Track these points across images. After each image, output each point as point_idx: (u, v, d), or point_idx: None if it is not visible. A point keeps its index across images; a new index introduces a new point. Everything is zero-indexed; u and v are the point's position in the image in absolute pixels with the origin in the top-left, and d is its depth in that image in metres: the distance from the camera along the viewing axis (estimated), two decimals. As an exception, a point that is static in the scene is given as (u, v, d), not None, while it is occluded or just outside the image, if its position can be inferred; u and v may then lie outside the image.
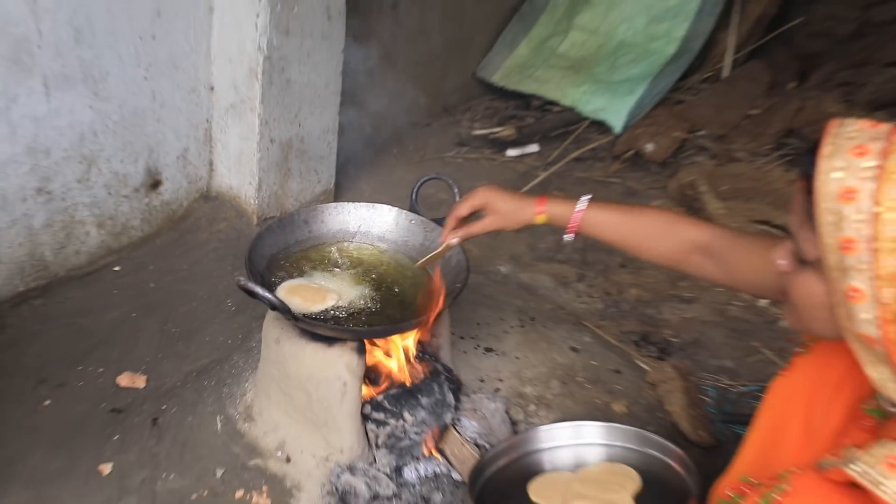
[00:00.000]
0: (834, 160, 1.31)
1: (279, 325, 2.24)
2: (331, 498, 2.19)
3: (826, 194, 1.31)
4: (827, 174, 1.31)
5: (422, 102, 4.22)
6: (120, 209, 2.91)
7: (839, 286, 1.33)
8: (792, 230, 1.45)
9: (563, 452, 2.15)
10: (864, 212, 1.28)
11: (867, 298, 1.30)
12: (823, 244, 1.33)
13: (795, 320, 1.51)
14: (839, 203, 1.30)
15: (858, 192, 1.28)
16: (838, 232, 1.30)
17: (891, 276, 1.28)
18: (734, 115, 4.31)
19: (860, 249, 1.29)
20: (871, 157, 1.29)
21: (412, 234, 2.44)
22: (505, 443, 2.16)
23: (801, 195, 1.40)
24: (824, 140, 1.34)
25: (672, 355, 2.92)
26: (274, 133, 3.08)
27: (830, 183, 1.30)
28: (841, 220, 1.29)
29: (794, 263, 1.47)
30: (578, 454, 2.13)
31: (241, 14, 2.88)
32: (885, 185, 1.27)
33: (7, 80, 2.45)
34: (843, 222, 1.29)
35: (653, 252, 1.95)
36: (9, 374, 2.47)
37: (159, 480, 2.20)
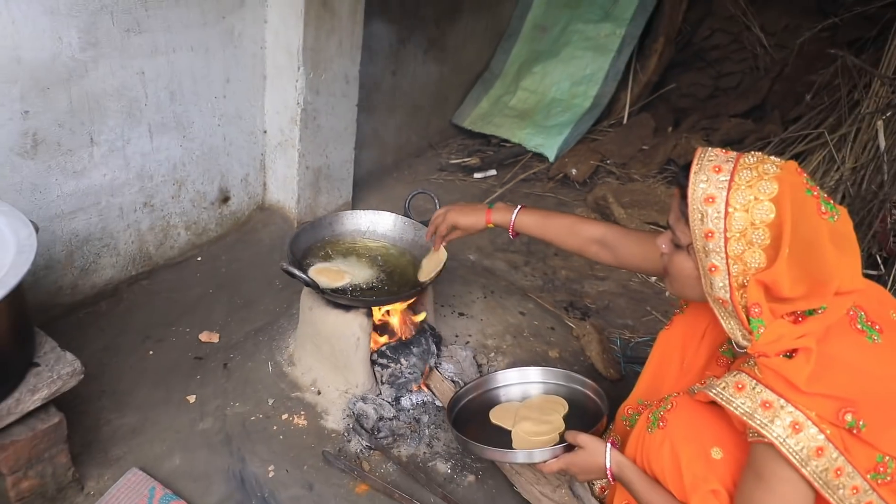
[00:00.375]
0: (700, 175, 1.36)
1: (312, 297, 2.24)
2: (349, 419, 2.18)
3: (695, 199, 1.35)
4: (696, 185, 1.35)
5: (413, 140, 4.21)
6: (201, 217, 2.90)
7: (704, 263, 1.37)
8: (670, 224, 1.48)
9: (513, 389, 2.17)
10: (719, 211, 1.32)
11: (721, 272, 1.34)
12: (693, 234, 1.37)
13: (673, 289, 1.54)
14: (704, 205, 1.34)
15: (716, 197, 1.33)
16: (703, 225, 1.34)
17: (737, 257, 1.32)
18: (631, 150, 4.32)
19: (717, 238, 1.33)
20: (724, 173, 1.34)
21: (406, 231, 2.46)
22: (472, 383, 2.17)
23: (677, 200, 1.44)
24: (693, 162, 1.38)
25: (590, 316, 2.91)
26: (308, 162, 3.06)
27: (698, 191, 1.35)
28: (704, 217, 1.34)
29: (671, 248, 1.50)
30: (524, 390, 2.16)
31: (286, 80, 2.86)
32: (734, 193, 1.32)
33: (123, 128, 2.43)
34: (706, 218, 1.33)
35: (565, 245, 1.96)
36: (125, 332, 2.46)
37: (228, 407, 2.21)
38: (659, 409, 1.57)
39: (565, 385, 2.12)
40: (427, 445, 2.16)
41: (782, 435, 1.26)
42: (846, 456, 1.27)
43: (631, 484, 1.58)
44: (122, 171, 2.49)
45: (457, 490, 2.04)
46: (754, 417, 1.30)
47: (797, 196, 1.30)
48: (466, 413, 2.09)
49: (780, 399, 1.28)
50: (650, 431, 1.56)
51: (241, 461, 2.04)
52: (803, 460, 1.26)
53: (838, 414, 1.26)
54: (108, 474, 1.95)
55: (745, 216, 1.30)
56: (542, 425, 1.95)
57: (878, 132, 3.20)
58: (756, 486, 1.33)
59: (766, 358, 1.32)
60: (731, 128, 4.33)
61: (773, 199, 1.29)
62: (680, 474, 1.48)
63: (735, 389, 1.35)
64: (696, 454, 1.47)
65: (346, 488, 2.00)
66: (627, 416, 1.95)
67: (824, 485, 1.27)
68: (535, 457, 1.75)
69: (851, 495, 1.29)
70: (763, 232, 1.30)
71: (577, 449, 1.69)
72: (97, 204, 2.46)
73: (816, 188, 1.35)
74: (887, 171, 3.13)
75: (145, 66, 2.42)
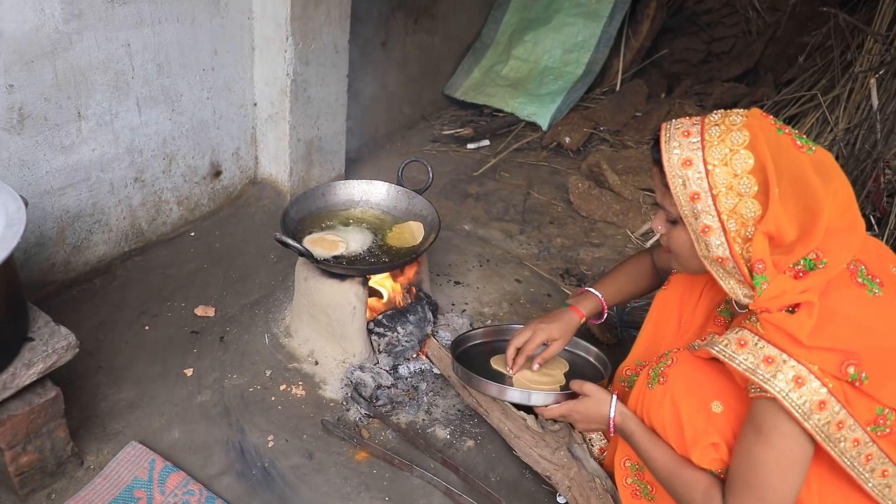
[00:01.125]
0: (671, 143, 1.37)
1: (306, 267, 2.23)
2: (347, 388, 2.19)
3: (672, 166, 1.36)
4: (670, 153, 1.36)
5: (406, 112, 4.18)
6: (193, 192, 2.87)
7: (695, 227, 1.37)
8: (659, 204, 1.47)
9: None
10: (700, 171, 1.33)
11: (715, 230, 1.34)
12: (678, 201, 1.37)
13: (680, 266, 1.54)
14: (682, 169, 1.35)
15: (693, 159, 1.34)
16: (686, 189, 1.35)
17: (731, 211, 1.32)
18: (625, 116, 4.29)
19: (703, 197, 1.33)
20: (694, 135, 1.35)
21: (399, 200, 2.44)
22: (481, 329, 2.16)
23: (658, 177, 1.43)
24: (662, 134, 1.39)
25: (586, 282, 2.91)
26: (300, 135, 3.03)
27: (673, 158, 1.36)
28: (686, 181, 1.34)
29: (667, 226, 1.49)
30: None
31: (274, 51, 2.82)
32: (709, 151, 1.33)
33: (111, 101, 2.39)
34: (688, 182, 1.34)
35: (646, 289, 1.97)
36: (120, 308, 2.45)
37: (226, 379, 2.20)
38: (659, 364, 1.57)
39: (569, 350, 2.10)
40: (426, 412, 2.16)
41: (785, 389, 1.26)
42: (848, 409, 1.27)
43: (632, 435, 1.58)
44: (111, 146, 2.46)
45: (456, 455, 2.04)
46: (756, 373, 1.30)
47: (770, 137, 1.31)
48: (469, 355, 2.07)
49: (782, 354, 1.28)
50: (650, 387, 1.56)
51: (240, 432, 2.04)
52: (805, 414, 1.26)
53: (841, 366, 1.26)
54: (108, 448, 1.94)
55: (726, 169, 1.31)
56: (544, 377, 1.95)
57: (871, 91, 3.18)
58: (756, 440, 1.33)
59: (768, 313, 1.32)
60: (725, 92, 4.31)
61: (748, 146, 1.31)
62: (681, 428, 1.48)
63: (737, 346, 1.35)
64: (697, 408, 1.47)
65: (345, 456, 2.00)
66: (626, 378, 1.95)
67: (826, 438, 1.27)
68: (536, 398, 1.76)
69: (852, 448, 1.30)
70: (748, 180, 1.30)
71: (582, 397, 1.69)
72: (87, 179, 2.43)
73: (786, 126, 1.36)
74: (880, 131, 3.12)
75: (131, 38, 2.38)
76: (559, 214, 3.43)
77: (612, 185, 3.50)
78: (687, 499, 1.45)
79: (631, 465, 1.70)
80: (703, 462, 1.45)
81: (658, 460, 1.52)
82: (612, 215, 3.37)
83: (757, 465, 1.32)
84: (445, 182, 3.64)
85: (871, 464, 1.32)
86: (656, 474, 1.54)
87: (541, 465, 1.92)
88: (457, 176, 3.73)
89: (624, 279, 1.98)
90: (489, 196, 3.56)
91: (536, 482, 1.99)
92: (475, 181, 3.71)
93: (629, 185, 3.52)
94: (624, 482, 1.73)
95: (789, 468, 1.30)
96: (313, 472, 1.95)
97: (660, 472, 1.52)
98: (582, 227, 3.33)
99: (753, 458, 1.33)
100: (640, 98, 4.44)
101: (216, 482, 1.91)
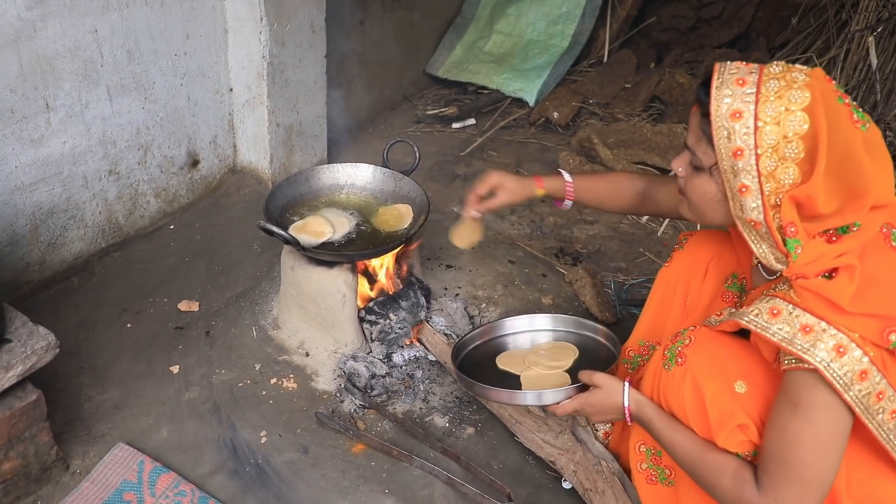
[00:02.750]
0: (723, 90, 1.29)
1: (293, 255, 2.20)
2: (341, 379, 2.17)
3: (719, 116, 1.29)
4: (719, 100, 1.29)
5: (387, 93, 4.14)
6: (171, 183, 2.84)
7: (732, 185, 1.31)
8: (689, 146, 1.41)
9: (521, 337, 2.10)
10: (748, 127, 1.26)
11: (753, 192, 1.29)
12: (719, 153, 1.31)
13: (692, 214, 1.49)
14: (730, 121, 1.28)
15: (743, 112, 1.27)
16: (731, 143, 1.28)
17: (769, 174, 1.27)
18: (614, 88, 4.26)
19: (747, 155, 1.27)
20: (749, 85, 1.28)
21: (385, 182, 2.41)
22: (478, 329, 2.11)
23: (697, 118, 1.38)
24: (714, 76, 1.32)
25: (582, 262, 2.89)
26: (279, 120, 2.99)
27: (723, 107, 1.28)
28: (732, 134, 1.28)
29: (689, 171, 1.44)
30: (533, 337, 2.09)
31: (248, 33, 2.78)
32: (762, 106, 1.26)
33: (80, 91, 2.35)
34: (734, 135, 1.27)
35: (617, 205, 1.92)
36: (100, 306, 2.42)
37: (214, 375, 2.18)
38: (675, 344, 1.51)
39: (576, 332, 2.06)
40: (423, 401, 2.15)
41: (826, 359, 1.22)
42: (888, 378, 1.24)
43: (651, 422, 1.54)
44: (82, 138, 2.42)
45: (456, 443, 2.03)
46: (794, 343, 1.25)
47: (830, 104, 1.25)
48: (471, 359, 2.03)
49: (820, 322, 1.24)
50: (667, 369, 1.51)
51: (231, 429, 2.02)
52: (847, 385, 1.22)
53: (882, 333, 1.23)
54: (94, 451, 1.92)
55: (777, 129, 1.25)
56: (553, 370, 1.92)
57: (870, 49, 3.17)
58: (792, 415, 1.28)
59: (805, 279, 1.27)
60: (716, 59, 4.28)
61: (806, 108, 1.23)
62: (704, 411, 1.43)
63: (770, 316, 1.30)
64: (721, 389, 1.42)
65: (342, 449, 1.99)
66: (629, 358, 1.94)
67: (865, 409, 1.24)
68: (547, 398, 1.71)
69: (890, 419, 1.27)
70: (797, 145, 1.24)
71: (593, 388, 1.64)
72: (59, 174, 2.39)
73: (847, 96, 1.30)
74: (880, 91, 3.11)
75: (98, 24, 2.33)
76: (551, 192, 3.42)
77: (604, 160, 3.48)
78: (715, 485, 1.40)
79: (647, 450, 1.66)
80: (730, 445, 1.40)
81: (680, 446, 1.47)
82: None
83: (794, 442, 1.27)
84: (431, 163, 3.61)
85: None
86: (679, 461, 1.49)
87: (544, 450, 1.92)
88: (443, 157, 3.70)
89: (602, 184, 1.93)
90: (477, 176, 3.52)
91: (540, 468, 1.98)
92: (462, 161, 3.68)
93: (622, 159, 3.50)
94: (639, 468, 1.69)
95: (828, 444, 1.26)
96: (309, 466, 1.93)
97: (683, 458, 1.47)
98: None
99: (789, 435, 1.28)
100: (629, 69, 4.42)
101: (208, 481, 1.89)
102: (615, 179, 1.92)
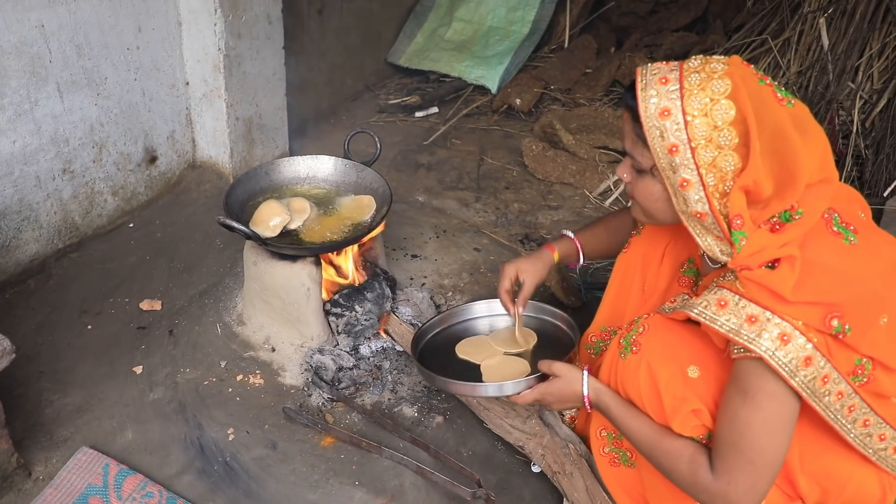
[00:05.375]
0: (648, 90, 1.31)
1: (255, 250, 2.18)
2: (308, 373, 2.16)
3: (649, 116, 1.31)
4: (646, 101, 1.31)
5: (348, 83, 4.11)
6: (128, 180, 2.78)
7: (673, 181, 1.33)
8: (627, 150, 1.43)
9: (480, 322, 2.10)
10: (678, 122, 1.28)
11: (694, 185, 1.31)
12: (655, 153, 1.32)
13: (644, 216, 1.51)
14: (660, 120, 1.30)
15: (671, 109, 1.29)
16: (664, 141, 1.30)
17: (709, 165, 1.29)
18: (575, 74, 4.28)
19: (682, 150, 1.29)
20: (672, 82, 1.30)
21: (347, 174, 2.39)
22: (437, 317, 2.10)
23: (629, 123, 1.39)
24: (637, 79, 1.34)
25: (546, 246, 2.92)
26: (238, 113, 2.95)
27: (651, 107, 1.30)
28: (664, 132, 1.29)
29: (633, 175, 1.46)
30: (492, 322, 2.09)
31: (203, 25, 2.73)
32: (688, 100, 1.28)
33: (28, 88, 2.29)
34: (666, 133, 1.29)
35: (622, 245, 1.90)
36: (58, 308, 2.37)
37: (178, 374, 2.15)
38: (630, 333, 1.54)
39: (535, 316, 2.07)
40: (391, 391, 2.15)
41: (771, 348, 1.25)
42: (832, 362, 1.27)
43: (609, 410, 1.56)
44: (33, 137, 2.37)
45: (426, 432, 2.04)
46: (741, 333, 1.28)
47: (752, 87, 1.27)
48: (432, 348, 2.02)
49: (765, 311, 1.26)
50: (623, 357, 1.54)
51: (198, 428, 2.00)
52: (792, 371, 1.25)
53: (825, 319, 1.26)
54: (57, 457, 1.89)
55: (706, 120, 1.27)
56: (512, 348, 1.93)
57: (821, 31, 3.22)
58: (742, 403, 1.32)
59: (748, 271, 1.30)
60: (675, 42, 4.33)
61: (729, 95, 1.26)
62: (659, 398, 1.46)
63: (717, 307, 1.32)
64: (674, 375, 1.45)
65: (311, 443, 1.98)
66: (591, 344, 1.95)
67: (811, 393, 1.28)
68: (507, 389, 1.72)
69: (836, 401, 1.31)
70: (728, 132, 1.26)
71: (552, 378, 1.66)
72: (10, 174, 2.34)
73: (767, 77, 1.33)
74: (832, 71, 3.16)
75: (44, 18, 2.27)
76: (515, 179, 3.42)
77: (567, 145, 3.49)
78: (672, 469, 1.44)
79: (607, 435, 1.70)
80: (685, 430, 1.43)
81: (638, 433, 1.50)
82: (568, 176, 3.38)
83: (744, 428, 1.31)
84: (395, 153, 3.60)
85: (854, 415, 1.34)
86: (638, 447, 1.52)
87: (513, 436, 1.92)
88: (406, 146, 3.69)
89: (603, 231, 1.95)
90: (441, 165, 3.53)
91: (510, 453, 1.99)
92: (426, 150, 3.67)
93: (584, 144, 3.52)
94: (601, 451, 1.73)
95: (778, 428, 1.30)
96: (278, 462, 1.92)
97: (641, 444, 1.50)
98: (539, 190, 3.33)
99: (740, 422, 1.32)
100: (590, 54, 4.44)
101: (176, 482, 1.87)
102: (612, 222, 1.95)
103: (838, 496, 1.46)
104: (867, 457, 1.40)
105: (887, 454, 1.41)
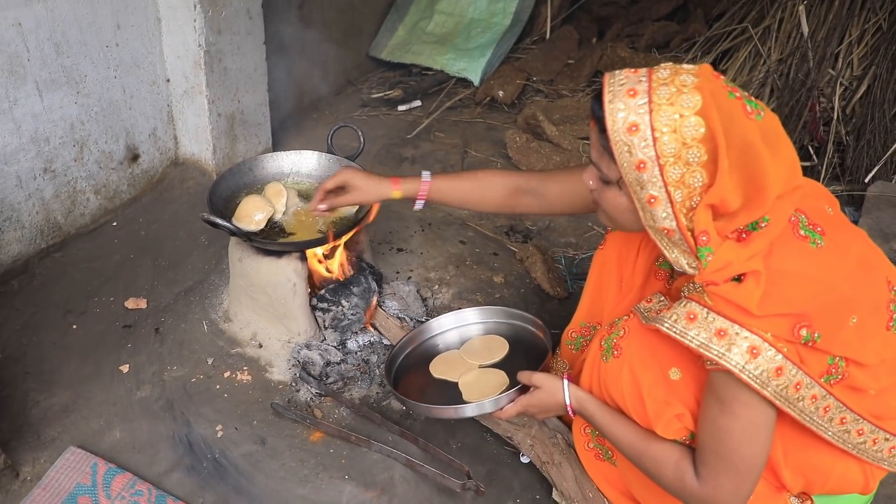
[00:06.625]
0: (616, 103, 1.26)
1: (240, 247, 2.18)
2: (295, 369, 2.16)
3: (616, 131, 1.26)
4: (614, 115, 1.26)
5: (331, 78, 4.10)
6: (110, 179, 2.77)
7: (640, 196, 1.30)
8: (593, 161, 1.40)
9: (449, 335, 2.09)
10: (647, 139, 1.24)
11: (662, 202, 1.28)
12: (622, 168, 1.29)
13: (609, 223, 1.49)
14: (628, 135, 1.25)
15: (639, 124, 1.24)
16: (632, 157, 1.26)
17: (677, 182, 1.26)
18: (557, 65, 4.29)
19: (650, 167, 1.25)
20: (640, 95, 1.25)
21: (331, 169, 2.39)
22: (405, 338, 2.08)
23: (595, 133, 1.35)
24: (604, 90, 1.28)
25: (532, 238, 2.92)
26: (220, 109, 2.94)
27: (618, 122, 1.25)
28: (632, 148, 1.25)
29: (599, 184, 1.42)
30: (461, 333, 2.08)
31: (182, 21, 2.72)
32: (656, 115, 1.23)
33: (7, 87, 2.28)
34: (634, 149, 1.25)
35: (487, 204, 1.87)
36: (43, 308, 2.36)
37: (165, 372, 2.15)
38: (611, 336, 1.55)
39: (505, 322, 2.06)
40: (379, 385, 2.16)
41: (741, 362, 1.25)
42: (803, 369, 1.28)
43: (593, 417, 1.58)
44: (13, 136, 2.35)
45: (414, 425, 2.05)
46: (710, 348, 1.28)
47: (721, 103, 1.24)
48: (405, 369, 2.02)
49: (734, 325, 1.27)
50: (605, 360, 1.55)
51: (186, 425, 2.00)
52: (764, 382, 1.26)
53: (793, 330, 1.27)
54: (45, 457, 1.89)
55: (675, 136, 1.23)
56: (487, 357, 1.94)
57: (801, 18, 3.24)
58: (720, 412, 1.34)
59: (714, 286, 1.30)
60: (656, 31, 4.34)
61: (699, 111, 1.22)
62: (642, 402, 1.47)
63: (687, 321, 1.32)
64: (656, 378, 1.46)
65: (299, 438, 1.98)
66: (572, 340, 1.96)
67: (785, 401, 1.29)
68: (489, 407, 1.71)
69: (811, 404, 1.33)
70: (697, 149, 1.23)
71: (534, 389, 1.67)
72: (-9, 174, 2.32)
73: (737, 89, 1.30)
74: (812, 59, 3.19)
75: (21, 16, 2.26)
76: (499, 171, 3.43)
77: (551, 137, 3.51)
78: (659, 475, 1.46)
79: (591, 432, 1.73)
80: (668, 433, 1.45)
81: (623, 439, 1.52)
82: (552, 167, 3.39)
83: (724, 436, 1.34)
84: (379, 147, 3.60)
85: (829, 414, 1.36)
86: (624, 453, 1.54)
87: (501, 427, 1.94)
88: (390, 140, 3.69)
89: (467, 183, 1.87)
90: (425, 158, 3.53)
91: (498, 444, 2.01)
92: (409, 144, 3.67)
93: (567, 135, 3.54)
94: (585, 447, 1.75)
95: (756, 434, 1.33)
96: (267, 458, 1.93)
97: (627, 450, 1.52)
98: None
99: (720, 430, 1.35)
100: (572, 44, 4.45)
101: (165, 479, 1.87)
102: (483, 178, 1.87)
103: (822, 485, 1.50)
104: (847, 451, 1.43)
105: (867, 447, 1.44)
